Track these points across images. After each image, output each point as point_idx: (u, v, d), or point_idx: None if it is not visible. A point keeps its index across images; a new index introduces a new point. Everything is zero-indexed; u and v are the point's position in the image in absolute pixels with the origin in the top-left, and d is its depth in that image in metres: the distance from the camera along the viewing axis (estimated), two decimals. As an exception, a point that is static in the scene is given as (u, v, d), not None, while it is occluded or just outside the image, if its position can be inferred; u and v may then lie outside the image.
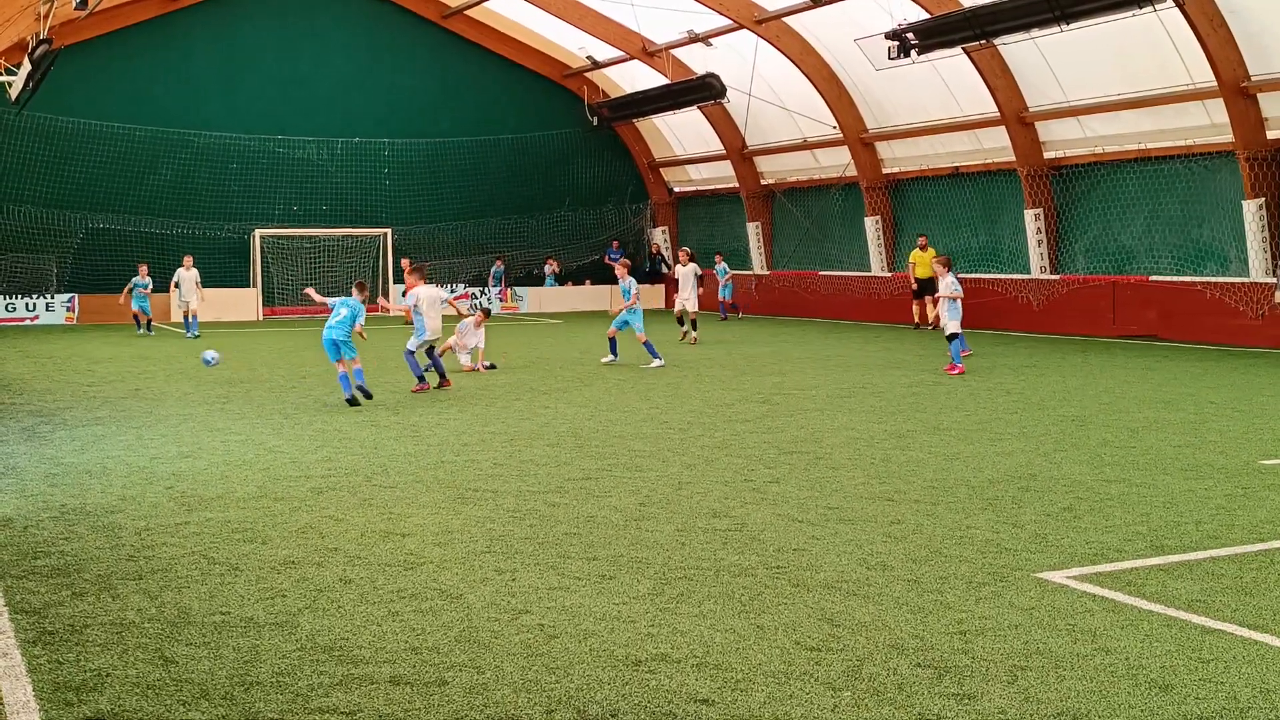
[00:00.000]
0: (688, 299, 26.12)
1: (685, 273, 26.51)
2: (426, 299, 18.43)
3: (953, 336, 19.86)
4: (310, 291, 18.24)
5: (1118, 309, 27.09)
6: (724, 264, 35.80)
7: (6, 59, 26.59)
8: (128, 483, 11.07)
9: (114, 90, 35.82)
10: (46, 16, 21.95)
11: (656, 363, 21.25)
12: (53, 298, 34.74)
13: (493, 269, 40.64)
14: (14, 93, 25.80)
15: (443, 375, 18.64)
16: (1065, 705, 5.62)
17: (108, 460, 12.25)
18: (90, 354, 24.83)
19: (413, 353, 18.44)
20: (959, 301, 19.91)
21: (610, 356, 22.14)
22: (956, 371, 19.66)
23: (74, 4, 18.15)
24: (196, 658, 6.31)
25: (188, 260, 30.57)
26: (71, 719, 5.51)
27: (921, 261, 29.46)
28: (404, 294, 19.86)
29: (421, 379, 18.21)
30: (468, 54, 39.86)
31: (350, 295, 17.37)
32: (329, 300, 17.46)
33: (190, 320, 29.56)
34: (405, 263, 21.89)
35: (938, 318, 28.20)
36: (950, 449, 12.61)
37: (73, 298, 34.78)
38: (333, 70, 38.58)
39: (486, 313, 22.47)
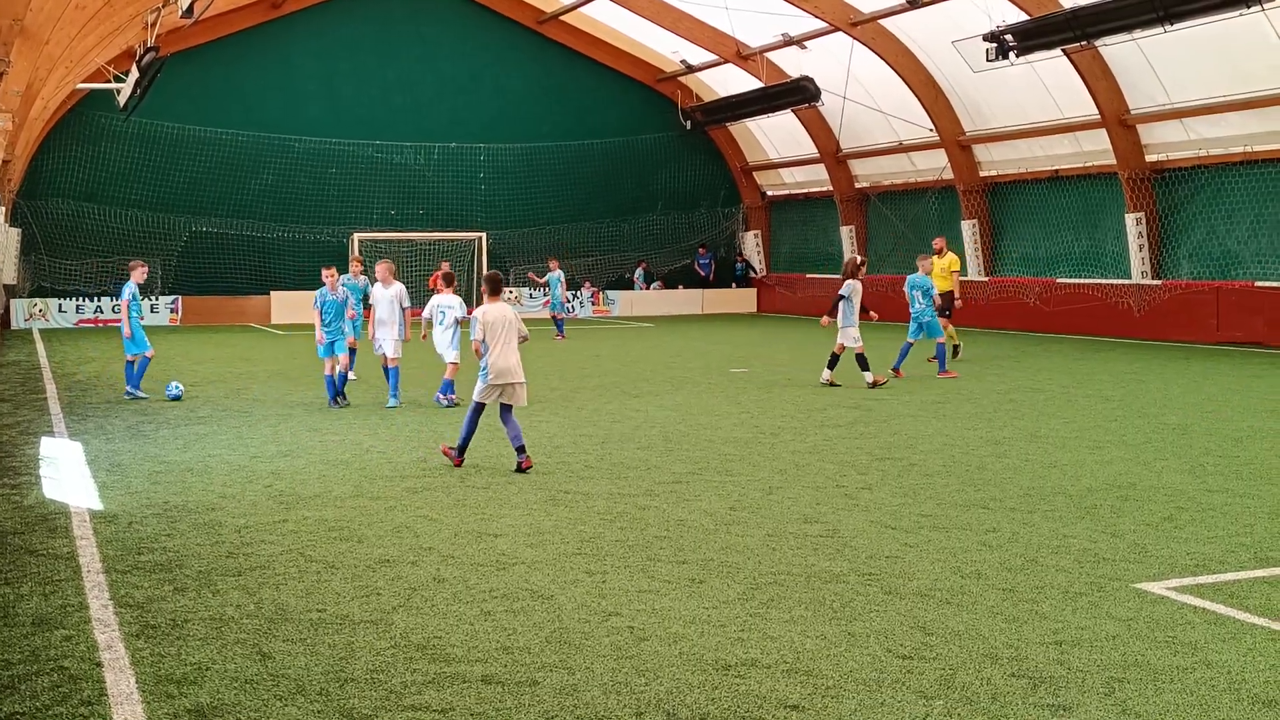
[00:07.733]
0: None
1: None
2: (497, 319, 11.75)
3: None
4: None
5: (1222, 315, 26.45)
6: (558, 271, 30.27)
7: (115, 66, 27.29)
8: (228, 481, 11.29)
9: (217, 96, 36.67)
10: (153, 25, 22.53)
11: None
12: (157, 299, 35.55)
13: (637, 272, 40.99)
14: (122, 99, 26.47)
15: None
16: (1164, 719, 5.51)
17: (209, 459, 12.51)
18: (193, 354, 25.35)
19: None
20: None
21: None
22: None
23: (180, 13, 18.55)
24: (293, 653, 6.42)
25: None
26: (172, 711, 5.64)
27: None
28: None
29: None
30: (562, 59, 40.12)
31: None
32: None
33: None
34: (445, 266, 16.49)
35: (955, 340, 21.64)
36: (1048, 457, 12.41)
37: (176, 299, 35.59)
38: (429, 76, 39.07)
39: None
